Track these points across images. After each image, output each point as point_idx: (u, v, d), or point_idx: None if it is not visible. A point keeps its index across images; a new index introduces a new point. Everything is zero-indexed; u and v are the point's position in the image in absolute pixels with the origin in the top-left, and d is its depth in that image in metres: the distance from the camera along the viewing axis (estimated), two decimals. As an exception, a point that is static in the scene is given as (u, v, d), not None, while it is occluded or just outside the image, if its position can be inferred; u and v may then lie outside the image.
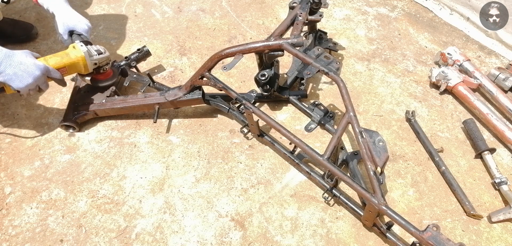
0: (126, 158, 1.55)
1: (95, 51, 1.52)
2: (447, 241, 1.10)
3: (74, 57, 1.46)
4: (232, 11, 2.35)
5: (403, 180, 1.53)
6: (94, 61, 1.51)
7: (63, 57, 1.44)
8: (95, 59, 1.51)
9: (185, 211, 1.40)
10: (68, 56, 1.45)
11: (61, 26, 1.52)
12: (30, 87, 1.34)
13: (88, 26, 1.58)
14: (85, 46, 1.48)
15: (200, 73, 1.54)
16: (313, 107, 1.72)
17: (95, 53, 1.51)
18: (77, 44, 1.48)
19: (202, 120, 1.71)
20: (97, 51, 1.53)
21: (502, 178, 1.48)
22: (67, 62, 1.44)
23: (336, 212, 1.42)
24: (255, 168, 1.54)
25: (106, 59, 1.57)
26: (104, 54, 1.56)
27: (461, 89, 1.80)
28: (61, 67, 1.43)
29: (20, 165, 1.51)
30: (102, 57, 1.54)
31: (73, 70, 1.49)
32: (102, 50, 1.55)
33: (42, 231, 1.33)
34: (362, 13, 2.39)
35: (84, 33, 1.56)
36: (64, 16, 1.53)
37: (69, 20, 1.53)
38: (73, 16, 1.55)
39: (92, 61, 1.50)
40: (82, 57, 1.47)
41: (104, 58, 1.56)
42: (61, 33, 1.53)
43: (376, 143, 1.25)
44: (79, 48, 1.47)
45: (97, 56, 1.52)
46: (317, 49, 1.48)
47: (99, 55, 1.53)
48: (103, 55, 1.55)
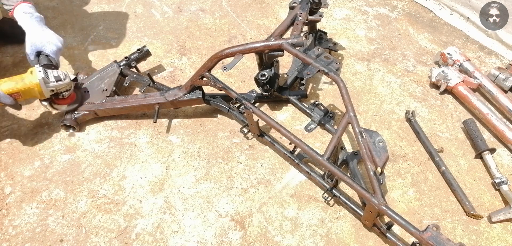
0: (126, 158, 1.55)
1: (54, 78, 1.46)
2: (447, 241, 1.10)
3: (29, 83, 1.42)
4: (232, 11, 2.35)
5: (403, 180, 1.53)
6: (50, 88, 1.46)
7: (18, 82, 1.41)
8: (52, 86, 1.46)
9: (185, 211, 1.40)
10: (22, 81, 1.42)
11: (29, 46, 1.48)
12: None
13: (58, 47, 1.52)
14: (43, 72, 1.43)
15: (200, 73, 1.54)
16: (313, 107, 1.72)
17: (53, 80, 1.46)
18: (35, 70, 1.43)
19: (202, 120, 1.71)
20: (56, 77, 1.47)
21: (502, 178, 1.48)
22: (21, 88, 1.41)
23: (336, 212, 1.42)
24: (255, 168, 1.54)
25: (65, 86, 1.51)
26: (63, 81, 1.49)
27: (461, 89, 1.80)
28: (15, 92, 1.41)
29: (20, 165, 1.51)
30: (60, 84, 1.48)
31: (28, 96, 1.45)
32: (62, 76, 1.49)
33: (42, 231, 1.33)
34: (362, 13, 2.39)
35: (52, 54, 1.50)
36: (33, 36, 1.49)
37: (37, 40, 1.48)
38: (43, 36, 1.50)
39: (48, 88, 1.46)
40: (36, 84, 1.43)
41: (63, 85, 1.50)
42: (28, 53, 1.49)
43: (376, 143, 1.25)
44: (35, 74, 1.43)
45: (54, 83, 1.46)
46: (317, 49, 1.48)
47: (57, 82, 1.47)
48: (62, 82, 1.49)
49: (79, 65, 1.93)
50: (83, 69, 1.87)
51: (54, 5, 2.28)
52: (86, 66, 1.92)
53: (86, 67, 1.92)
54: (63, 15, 2.22)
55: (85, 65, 1.93)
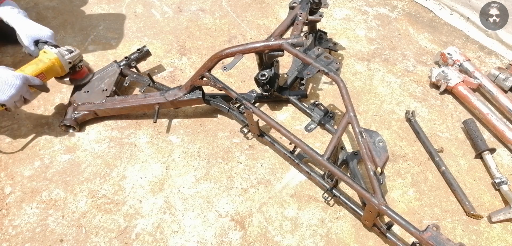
0: (126, 158, 1.55)
1: (66, 51, 1.53)
2: (447, 241, 1.10)
3: (49, 61, 1.47)
4: (232, 11, 2.35)
5: (403, 180, 1.53)
6: (68, 60, 1.53)
7: (38, 64, 1.46)
8: (68, 58, 1.52)
9: (185, 211, 1.40)
10: (42, 61, 1.46)
11: (25, 37, 1.52)
12: (15, 99, 1.36)
13: (51, 33, 1.59)
14: (54, 49, 1.49)
15: (200, 73, 1.54)
16: (313, 107, 1.72)
17: (66, 52, 1.52)
18: (47, 49, 1.48)
19: (202, 120, 1.71)
20: (68, 50, 1.54)
21: (502, 178, 1.48)
22: (43, 67, 1.46)
23: (336, 212, 1.42)
24: (255, 168, 1.54)
25: (78, 56, 1.59)
26: (75, 52, 1.57)
27: (461, 89, 1.80)
28: (39, 74, 1.45)
29: (20, 165, 1.51)
30: (74, 55, 1.56)
31: (51, 74, 1.50)
32: (72, 49, 1.57)
33: (42, 231, 1.33)
34: (362, 13, 2.39)
35: (49, 39, 1.56)
36: (26, 28, 1.53)
37: (31, 30, 1.53)
38: (34, 26, 1.56)
39: (66, 60, 1.52)
40: (56, 59, 1.48)
41: (76, 55, 1.57)
42: (27, 45, 1.53)
43: (376, 143, 1.25)
44: (50, 51, 1.48)
45: (69, 54, 1.53)
46: (317, 49, 1.48)
47: (70, 54, 1.54)
48: (75, 53, 1.56)
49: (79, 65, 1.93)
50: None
51: (54, 5, 2.28)
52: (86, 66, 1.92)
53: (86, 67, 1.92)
54: (63, 15, 2.22)
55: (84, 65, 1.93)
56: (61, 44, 1.99)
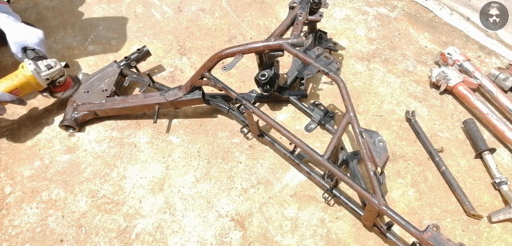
0: (126, 158, 1.55)
1: (45, 66, 1.49)
2: (447, 241, 1.10)
3: (23, 77, 1.45)
4: (232, 11, 2.35)
5: (403, 180, 1.53)
6: (44, 77, 1.49)
7: (13, 79, 1.45)
8: (45, 75, 1.49)
9: (185, 211, 1.40)
10: (17, 77, 1.45)
11: (13, 44, 1.51)
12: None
13: (40, 39, 1.55)
14: (33, 64, 1.46)
15: (200, 73, 1.54)
16: (313, 107, 1.72)
17: (44, 68, 1.49)
18: (25, 63, 1.46)
19: (202, 120, 1.71)
20: (47, 66, 1.50)
21: (502, 178, 1.48)
22: (18, 83, 1.45)
23: (336, 212, 1.42)
24: (255, 168, 1.54)
25: (58, 72, 1.54)
26: (55, 67, 1.52)
27: (461, 89, 1.80)
28: (14, 90, 1.44)
29: (20, 165, 1.51)
30: (53, 71, 1.51)
31: (27, 90, 1.49)
32: (53, 64, 1.52)
33: (42, 231, 1.33)
34: (362, 13, 2.39)
35: (37, 46, 1.53)
36: (14, 34, 1.51)
37: (18, 37, 1.51)
38: (23, 31, 1.53)
39: (42, 78, 1.48)
40: (31, 76, 1.46)
41: (56, 72, 1.52)
42: (14, 52, 1.52)
43: (376, 143, 1.25)
44: (27, 67, 1.45)
45: (46, 71, 1.49)
46: (317, 49, 1.48)
47: (49, 70, 1.50)
48: (54, 69, 1.51)
49: (79, 65, 1.93)
50: (82, 71, 1.87)
51: (54, 5, 2.28)
52: (86, 66, 1.92)
53: (86, 67, 1.92)
54: (63, 15, 2.22)
55: (85, 65, 1.93)
56: (60, 45, 2.02)
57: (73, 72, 1.87)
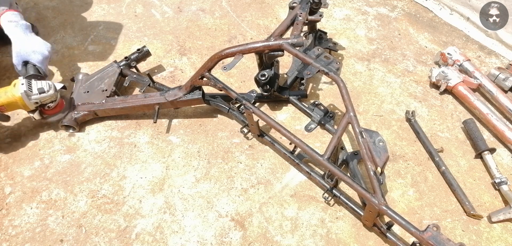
0: (126, 158, 1.55)
1: (37, 90, 1.45)
2: (447, 241, 1.10)
3: (11, 96, 1.41)
4: (232, 11, 2.35)
5: (403, 180, 1.53)
6: (33, 100, 1.45)
7: (1, 96, 1.41)
8: (35, 99, 1.45)
9: (185, 211, 1.40)
10: (6, 94, 1.42)
11: (15, 56, 1.48)
12: None
13: (44, 56, 1.52)
14: (25, 85, 1.42)
15: (200, 74, 1.54)
16: (313, 107, 1.72)
17: (36, 92, 1.44)
18: (18, 82, 1.43)
19: (202, 120, 1.71)
20: (40, 89, 1.45)
21: (502, 178, 1.48)
22: (4, 101, 1.41)
23: (336, 212, 1.42)
24: (255, 168, 1.54)
25: (49, 98, 1.49)
26: (47, 92, 1.47)
27: (461, 89, 1.80)
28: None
29: (20, 165, 1.51)
30: (43, 97, 1.47)
31: (13, 108, 1.45)
32: (46, 88, 1.47)
33: (42, 231, 1.33)
34: (362, 13, 2.39)
35: (38, 64, 1.50)
36: (19, 46, 1.48)
37: (22, 50, 1.48)
38: (29, 45, 1.49)
39: (31, 101, 1.45)
40: (19, 98, 1.42)
41: (47, 97, 1.48)
42: (15, 63, 1.49)
43: (376, 143, 1.25)
44: (18, 87, 1.42)
45: (37, 95, 1.45)
46: (317, 49, 1.48)
47: (40, 94, 1.45)
48: (46, 94, 1.47)
49: (79, 65, 1.93)
50: (81, 71, 1.87)
51: (54, 5, 2.28)
52: (86, 66, 1.92)
53: (86, 67, 1.92)
54: (63, 15, 2.22)
55: (85, 65, 1.93)
56: (60, 45, 2.02)
57: (73, 73, 1.87)
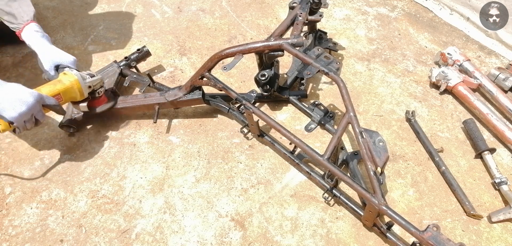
0: (126, 158, 1.55)
1: (87, 75, 1.48)
2: (447, 241, 1.10)
3: (68, 82, 1.41)
4: (232, 11, 2.35)
5: (403, 180, 1.53)
6: (88, 84, 1.47)
7: (56, 84, 1.40)
8: (88, 82, 1.47)
9: (185, 211, 1.40)
10: (61, 82, 1.41)
11: (47, 62, 1.47)
12: (25, 118, 1.26)
13: (74, 59, 1.54)
14: (76, 71, 1.45)
15: (200, 74, 1.54)
16: (313, 107, 1.72)
17: (87, 76, 1.47)
18: (67, 70, 1.44)
19: (202, 120, 1.71)
20: (89, 74, 1.49)
21: (502, 178, 1.48)
22: (61, 88, 1.39)
23: (336, 212, 1.42)
24: (255, 168, 1.54)
25: (99, 82, 1.52)
26: (96, 77, 1.51)
27: (461, 89, 1.80)
28: (56, 94, 1.38)
29: (20, 165, 1.51)
30: (95, 80, 1.50)
31: (69, 97, 1.44)
32: (93, 73, 1.52)
33: (42, 231, 1.33)
34: (362, 13, 2.39)
35: (71, 64, 1.51)
36: (49, 53, 1.49)
37: (54, 56, 1.49)
38: (58, 51, 1.51)
39: (86, 84, 1.46)
40: (76, 81, 1.42)
41: (97, 80, 1.51)
42: (47, 69, 1.48)
43: (376, 143, 1.25)
44: (70, 73, 1.42)
45: (89, 79, 1.48)
46: (317, 49, 1.48)
47: (91, 78, 1.49)
48: (96, 78, 1.50)
49: (79, 65, 1.93)
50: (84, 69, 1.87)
51: (54, 5, 2.28)
52: (86, 66, 1.92)
53: (86, 67, 1.92)
54: (63, 15, 2.22)
55: (85, 65, 1.93)
56: (60, 45, 2.02)
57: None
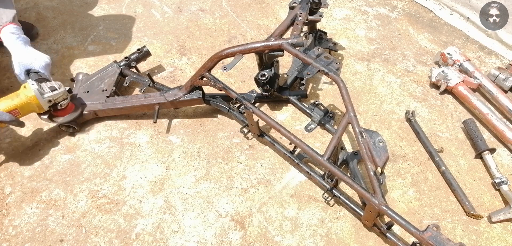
0: (126, 158, 1.55)
1: (49, 88, 1.45)
2: (447, 241, 1.10)
3: (25, 98, 1.40)
4: (232, 11, 2.35)
5: (403, 180, 1.53)
6: (47, 98, 1.44)
7: (14, 99, 1.40)
8: (48, 97, 1.44)
9: (185, 211, 1.40)
10: (18, 97, 1.40)
11: (17, 66, 1.47)
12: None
13: (46, 63, 1.51)
14: (36, 85, 1.42)
15: (200, 74, 1.54)
16: (313, 107, 1.72)
17: (47, 90, 1.44)
18: (28, 83, 1.42)
19: (202, 120, 1.71)
20: (51, 87, 1.45)
21: (502, 178, 1.48)
22: (18, 103, 1.39)
23: (336, 212, 1.42)
24: (255, 168, 1.54)
25: (62, 95, 1.49)
26: (59, 90, 1.47)
27: (461, 89, 1.80)
28: (13, 110, 1.39)
29: (20, 165, 1.51)
30: (56, 94, 1.46)
31: (27, 111, 1.44)
32: (57, 86, 1.47)
33: (42, 231, 1.33)
34: (362, 13, 2.39)
35: (42, 69, 1.49)
36: (20, 55, 1.48)
37: (24, 59, 1.48)
38: (29, 54, 1.50)
39: (45, 99, 1.44)
40: (32, 97, 1.41)
41: (59, 94, 1.48)
42: (17, 73, 1.48)
43: (376, 143, 1.25)
44: (29, 88, 1.41)
45: (49, 93, 1.44)
46: (317, 49, 1.48)
47: (52, 92, 1.45)
48: (58, 92, 1.47)
49: (79, 65, 1.93)
50: (81, 71, 1.87)
51: (54, 5, 2.28)
52: (86, 66, 1.92)
53: (86, 67, 1.92)
54: (63, 15, 2.22)
55: (85, 65, 1.93)
56: (60, 45, 2.02)
57: (73, 72, 1.87)
